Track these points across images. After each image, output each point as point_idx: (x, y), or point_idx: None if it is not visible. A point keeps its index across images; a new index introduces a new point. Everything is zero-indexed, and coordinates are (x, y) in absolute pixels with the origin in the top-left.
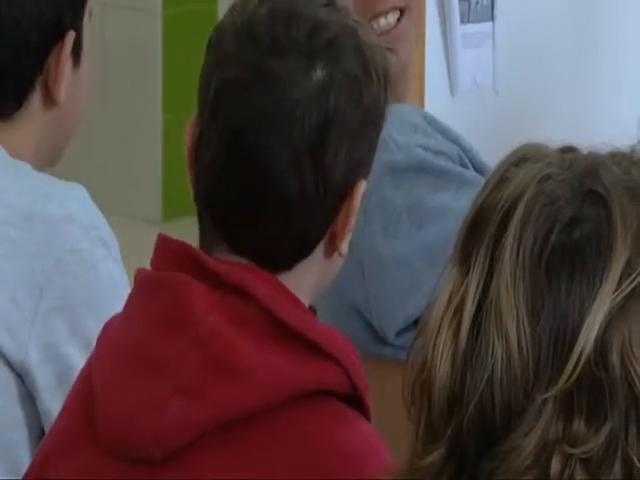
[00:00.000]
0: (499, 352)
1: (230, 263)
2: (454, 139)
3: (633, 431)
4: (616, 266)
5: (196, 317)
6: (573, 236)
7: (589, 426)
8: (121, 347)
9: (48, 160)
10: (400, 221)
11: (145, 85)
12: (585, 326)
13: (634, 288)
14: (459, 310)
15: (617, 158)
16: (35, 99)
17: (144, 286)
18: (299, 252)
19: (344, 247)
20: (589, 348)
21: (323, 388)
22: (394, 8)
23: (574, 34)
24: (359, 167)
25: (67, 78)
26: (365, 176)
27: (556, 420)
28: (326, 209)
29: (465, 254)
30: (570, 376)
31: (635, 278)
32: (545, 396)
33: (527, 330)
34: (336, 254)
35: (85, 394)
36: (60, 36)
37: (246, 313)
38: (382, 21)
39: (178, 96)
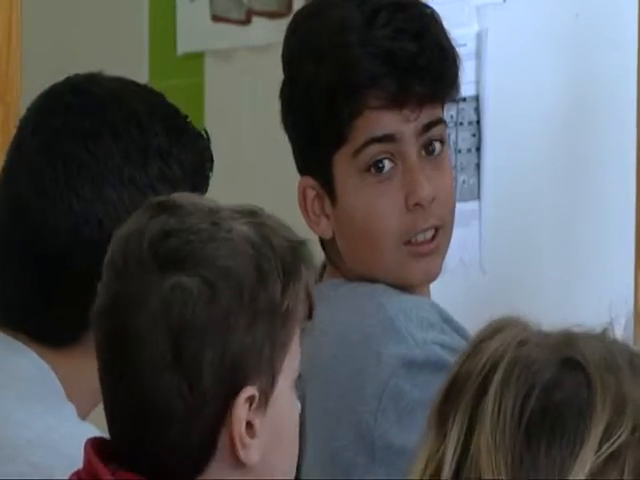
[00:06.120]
0: None
1: None
2: (467, 337)
3: None
4: (596, 430)
5: None
6: (553, 399)
7: None
8: None
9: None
10: (415, 414)
11: None
12: None
13: (612, 452)
14: (436, 475)
15: (593, 335)
16: None
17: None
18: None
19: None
20: None
21: None
22: (433, 226)
23: (561, 212)
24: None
25: None
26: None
27: None
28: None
29: (441, 419)
30: None
31: (615, 441)
32: None
33: None
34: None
35: None
36: None
37: None
38: (420, 236)
39: None
